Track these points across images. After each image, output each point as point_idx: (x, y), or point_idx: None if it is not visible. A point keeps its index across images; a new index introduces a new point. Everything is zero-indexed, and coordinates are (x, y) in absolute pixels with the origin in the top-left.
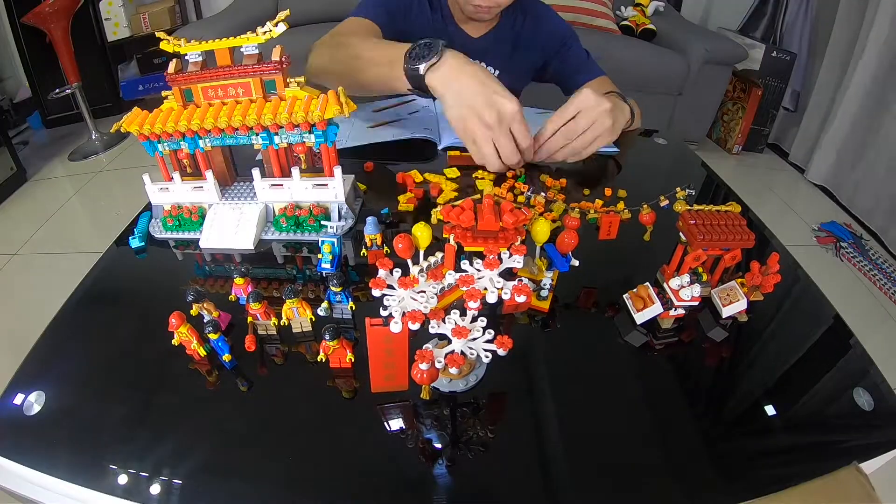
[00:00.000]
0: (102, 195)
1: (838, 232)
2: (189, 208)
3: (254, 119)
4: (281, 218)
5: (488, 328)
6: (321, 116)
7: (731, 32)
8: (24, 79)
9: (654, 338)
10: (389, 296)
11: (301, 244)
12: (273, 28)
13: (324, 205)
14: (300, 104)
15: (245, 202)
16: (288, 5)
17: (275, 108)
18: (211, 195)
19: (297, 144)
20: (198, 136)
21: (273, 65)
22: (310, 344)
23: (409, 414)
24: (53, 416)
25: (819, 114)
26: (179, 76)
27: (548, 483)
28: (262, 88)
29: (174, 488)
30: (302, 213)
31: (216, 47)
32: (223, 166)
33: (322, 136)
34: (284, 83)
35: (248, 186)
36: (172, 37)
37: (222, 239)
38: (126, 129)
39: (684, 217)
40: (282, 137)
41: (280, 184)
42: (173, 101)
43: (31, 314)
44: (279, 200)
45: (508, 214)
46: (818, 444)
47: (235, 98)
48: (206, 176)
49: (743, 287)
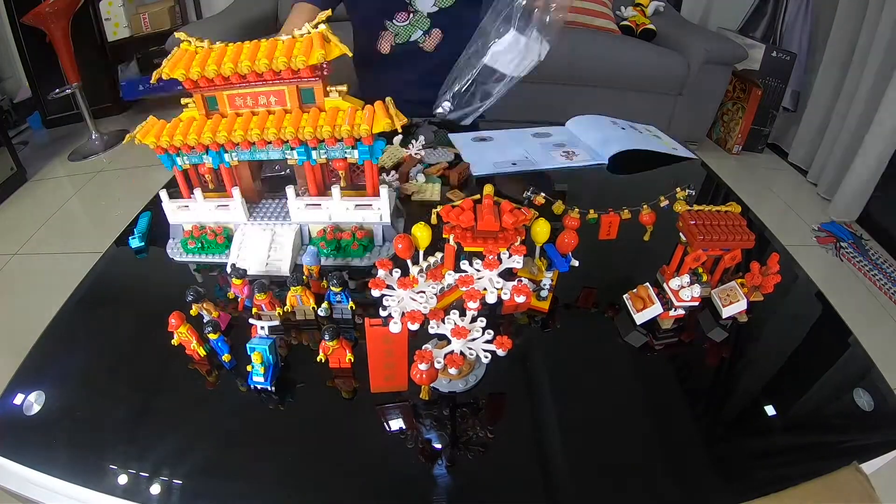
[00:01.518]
0: (102, 195)
1: (838, 232)
2: (213, 229)
3: (291, 132)
4: (320, 241)
5: (488, 328)
6: (369, 131)
7: (731, 32)
8: (24, 79)
9: (654, 338)
10: (389, 296)
11: (343, 269)
12: (312, 30)
13: (367, 227)
14: (343, 116)
15: (277, 223)
16: (288, 6)
17: (314, 120)
18: (238, 214)
19: (336, 160)
20: (223, 149)
21: (313, 71)
22: (312, 333)
23: (409, 414)
24: (53, 415)
25: (819, 114)
26: (203, 81)
27: (547, 482)
28: (297, 97)
29: (173, 488)
30: (344, 235)
31: (242, 63)
32: (250, 182)
33: (368, 151)
34: (325, 92)
35: (277, 204)
36: (196, 38)
37: (253, 263)
38: (141, 140)
39: (684, 217)
40: (321, 153)
41: (318, 203)
42: (194, 109)
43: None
44: (316, 221)
45: (508, 215)
46: (818, 444)
47: (267, 108)
48: (233, 193)
49: (743, 287)
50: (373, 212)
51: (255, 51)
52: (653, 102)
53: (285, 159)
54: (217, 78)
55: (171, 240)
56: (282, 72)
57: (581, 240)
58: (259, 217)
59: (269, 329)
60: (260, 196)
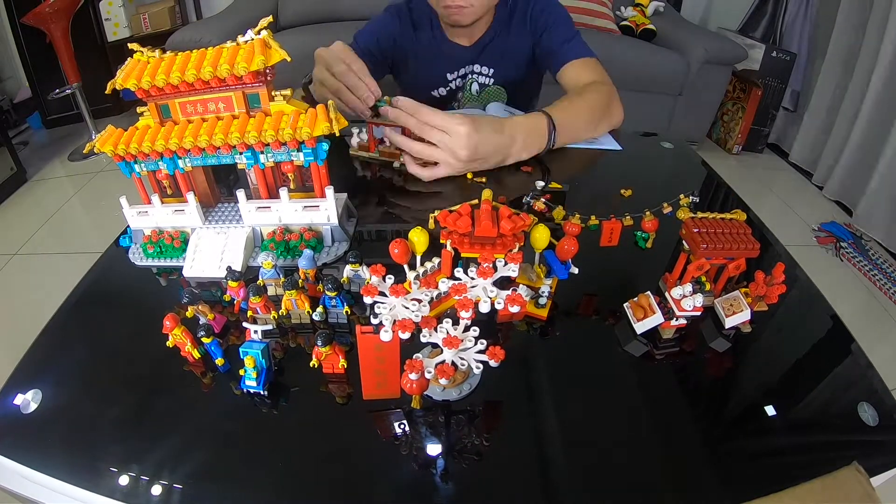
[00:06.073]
0: (102, 195)
1: (838, 232)
2: (171, 233)
3: (236, 137)
4: (269, 243)
5: (485, 335)
6: (310, 134)
7: (731, 32)
8: (24, 79)
9: (654, 347)
10: (381, 303)
11: (292, 270)
12: (255, 36)
13: (316, 228)
14: (287, 120)
15: (231, 226)
16: (288, 6)
17: (259, 124)
18: (193, 219)
19: (284, 163)
20: (177, 155)
21: (256, 77)
22: (307, 336)
23: (402, 422)
24: (50, 414)
25: (819, 114)
26: (154, 90)
27: (544, 487)
28: (244, 103)
29: (165, 490)
30: (292, 237)
31: (186, 76)
32: (206, 186)
33: (312, 154)
34: (269, 97)
35: (233, 208)
36: (147, 48)
37: (207, 267)
38: (100, 149)
39: (687, 225)
40: (268, 156)
41: (268, 206)
42: (149, 117)
43: (30, 314)
44: (267, 224)
45: (506, 220)
46: (823, 461)
47: (216, 114)
48: (188, 198)
49: (747, 297)
50: (320, 213)
51: (201, 59)
52: (653, 102)
53: (235, 163)
54: (167, 87)
55: (133, 244)
56: (227, 78)
57: (581, 246)
58: (214, 221)
59: (263, 333)
60: (217, 199)
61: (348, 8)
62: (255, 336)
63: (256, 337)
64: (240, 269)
